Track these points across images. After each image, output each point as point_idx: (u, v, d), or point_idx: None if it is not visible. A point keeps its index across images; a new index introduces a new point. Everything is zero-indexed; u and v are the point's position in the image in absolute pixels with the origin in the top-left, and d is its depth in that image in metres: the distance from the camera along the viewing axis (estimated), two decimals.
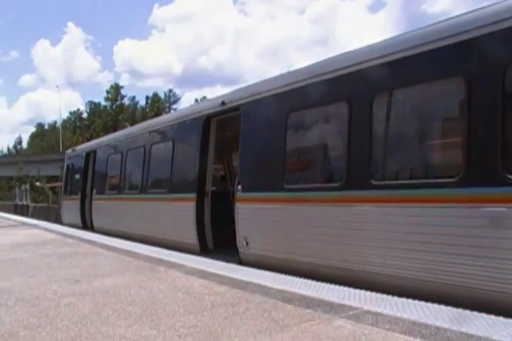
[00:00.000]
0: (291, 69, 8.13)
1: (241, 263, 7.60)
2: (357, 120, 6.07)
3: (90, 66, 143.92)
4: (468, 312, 4.08)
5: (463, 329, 3.59)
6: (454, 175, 4.94)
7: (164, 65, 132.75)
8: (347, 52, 6.72)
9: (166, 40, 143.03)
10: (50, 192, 39.23)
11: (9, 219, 22.77)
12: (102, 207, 14.27)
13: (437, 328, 3.64)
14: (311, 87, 6.86)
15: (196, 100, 74.14)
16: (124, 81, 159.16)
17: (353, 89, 6.24)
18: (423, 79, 5.47)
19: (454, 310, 4.16)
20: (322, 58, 7.24)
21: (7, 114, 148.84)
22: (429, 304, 4.37)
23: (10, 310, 4.69)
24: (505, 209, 4.50)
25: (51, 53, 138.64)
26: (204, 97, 69.87)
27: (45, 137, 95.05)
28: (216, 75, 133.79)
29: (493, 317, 3.92)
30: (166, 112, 74.69)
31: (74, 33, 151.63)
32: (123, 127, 21.24)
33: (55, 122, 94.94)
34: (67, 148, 22.31)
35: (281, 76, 8.13)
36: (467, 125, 4.91)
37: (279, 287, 5.27)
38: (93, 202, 14.97)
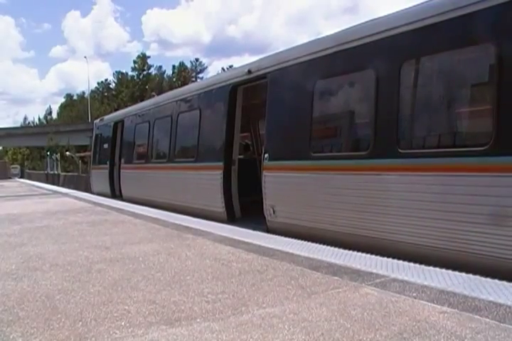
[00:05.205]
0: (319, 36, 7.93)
1: (268, 231, 7.65)
2: (384, 88, 5.96)
3: (119, 36, 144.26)
4: (497, 281, 4.05)
5: (491, 298, 3.57)
6: (484, 143, 4.83)
7: (193, 35, 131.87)
8: (375, 19, 6.55)
9: (195, 9, 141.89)
10: (80, 161, 39.75)
11: (41, 188, 23.29)
12: (130, 176, 14.43)
13: (465, 296, 3.63)
14: (339, 55, 6.73)
15: (223, 69, 73.48)
16: (152, 51, 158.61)
17: (381, 57, 6.11)
18: (452, 46, 5.31)
19: (483, 278, 4.14)
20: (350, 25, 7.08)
21: (39, 86, 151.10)
22: (457, 273, 4.35)
23: (45, 275, 4.84)
24: None
25: (81, 24, 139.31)
26: (230, 66, 69.27)
27: (74, 107, 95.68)
28: (244, 44, 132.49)
29: None
30: (193, 81, 74.40)
31: (103, 4, 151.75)
32: (150, 97, 21.25)
33: (84, 93, 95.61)
34: (96, 118, 22.49)
35: (308, 44, 7.97)
36: (497, 92, 4.79)
37: (306, 255, 5.31)
38: (121, 171, 15.14)
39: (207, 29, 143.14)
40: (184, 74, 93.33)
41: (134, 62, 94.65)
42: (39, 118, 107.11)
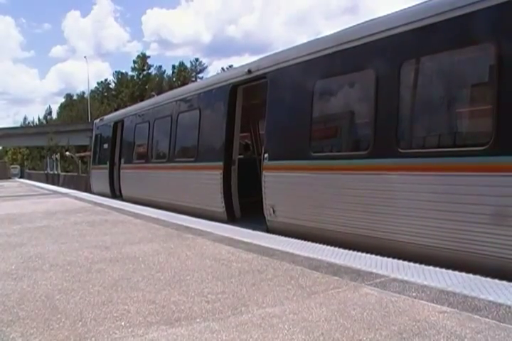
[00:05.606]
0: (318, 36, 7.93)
1: (268, 231, 7.65)
2: (384, 88, 5.95)
3: (119, 36, 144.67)
4: (497, 280, 4.04)
5: (491, 298, 3.57)
6: (483, 143, 4.83)
7: (193, 34, 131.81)
8: (374, 19, 6.55)
9: (195, 9, 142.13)
10: (80, 161, 39.75)
11: (41, 188, 23.29)
12: (130, 176, 14.42)
13: (465, 296, 3.63)
14: (338, 55, 6.72)
15: (222, 69, 73.46)
16: (153, 51, 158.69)
17: (380, 57, 6.10)
18: (451, 46, 5.31)
19: (483, 278, 4.13)
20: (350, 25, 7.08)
21: (39, 85, 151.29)
22: (457, 272, 4.34)
23: (45, 275, 4.84)
24: None
25: (81, 24, 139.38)
26: (230, 66, 69.27)
27: (73, 107, 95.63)
28: (244, 44, 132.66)
29: None
30: (192, 81, 74.41)
31: (103, 4, 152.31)
32: (150, 96, 21.27)
33: (83, 92, 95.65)
34: (95, 118, 22.49)
35: (308, 43, 7.97)
36: (497, 91, 4.78)
37: (306, 254, 5.30)
38: (121, 171, 15.14)
39: (207, 29, 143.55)
40: (184, 74, 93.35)
41: (134, 62, 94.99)
42: (39, 118, 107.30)
